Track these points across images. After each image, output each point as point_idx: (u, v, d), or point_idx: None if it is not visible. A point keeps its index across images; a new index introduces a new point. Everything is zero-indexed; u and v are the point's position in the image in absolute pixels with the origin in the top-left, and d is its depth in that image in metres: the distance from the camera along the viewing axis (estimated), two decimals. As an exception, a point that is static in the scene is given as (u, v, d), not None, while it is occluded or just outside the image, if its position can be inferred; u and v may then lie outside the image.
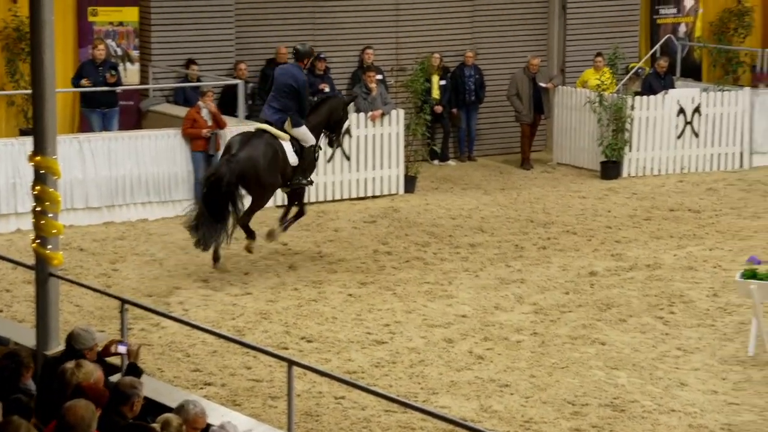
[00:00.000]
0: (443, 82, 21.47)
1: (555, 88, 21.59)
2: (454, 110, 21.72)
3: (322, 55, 20.92)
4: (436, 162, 21.46)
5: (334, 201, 19.01)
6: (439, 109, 21.22)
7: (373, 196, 19.27)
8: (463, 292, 14.89)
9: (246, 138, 15.70)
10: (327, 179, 19.05)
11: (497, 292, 14.88)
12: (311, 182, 16.16)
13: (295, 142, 15.72)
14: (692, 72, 23.34)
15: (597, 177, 20.63)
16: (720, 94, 21.26)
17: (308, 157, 15.82)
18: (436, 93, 21.31)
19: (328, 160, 19.02)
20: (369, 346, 13.15)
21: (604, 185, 20.16)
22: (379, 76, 20.30)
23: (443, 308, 14.34)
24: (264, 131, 15.67)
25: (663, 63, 21.81)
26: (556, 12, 22.73)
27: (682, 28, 23.77)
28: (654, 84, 21.56)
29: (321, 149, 16.40)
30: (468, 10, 22.24)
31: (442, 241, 17.02)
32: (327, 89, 20.66)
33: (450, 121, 21.76)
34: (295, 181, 15.82)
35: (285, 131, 15.67)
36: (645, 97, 21.04)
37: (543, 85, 21.45)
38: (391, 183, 19.56)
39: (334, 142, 16.62)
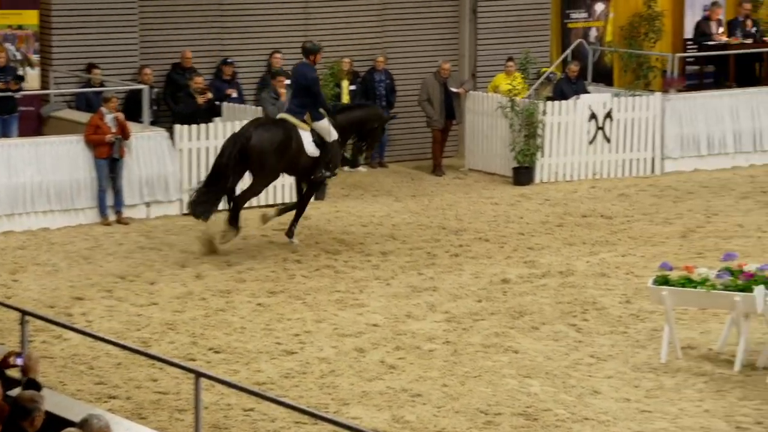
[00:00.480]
0: (353, 87, 21.48)
1: (466, 93, 21.69)
2: (365, 116, 21.70)
3: (229, 60, 20.84)
4: (346, 168, 21.44)
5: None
6: (349, 114, 21.18)
7: (283, 204, 19.20)
8: (374, 301, 14.89)
9: (263, 121, 16.99)
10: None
11: (409, 301, 14.90)
12: (335, 174, 17.21)
13: (315, 134, 16.66)
14: (604, 77, 23.59)
15: (509, 183, 20.75)
16: (631, 99, 21.50)
17: (332, 151, 16.72)
18: (346, 98, 21.30)
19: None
20: (278, 356, 13.10)
21: (516, 191, 20.29)
22: (288, 81, 20.24)
23: (354, 317, 14.33)
24: (284, 120, 16.68)
25: (574, 68, 22.02)
26: (466, 16, 22.84)
27: (593, 33, 24.02)
28: (565, 89, 21.76)
29: (345, 149, 17.51)
30: (378, 15, 22.28)
31: (352, 248, 17.02)
32: (234, 94, 20.59)
33: (360, 127, 21.73)
34: (318, 173, 16.76)
35: (306, 122, 16.66)
36: (557, 102, 21.22)
37: (454, 90, 21.53)
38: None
39: (362, 152, 17.81)
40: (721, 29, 24.35)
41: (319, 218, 18.46)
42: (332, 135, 16.72)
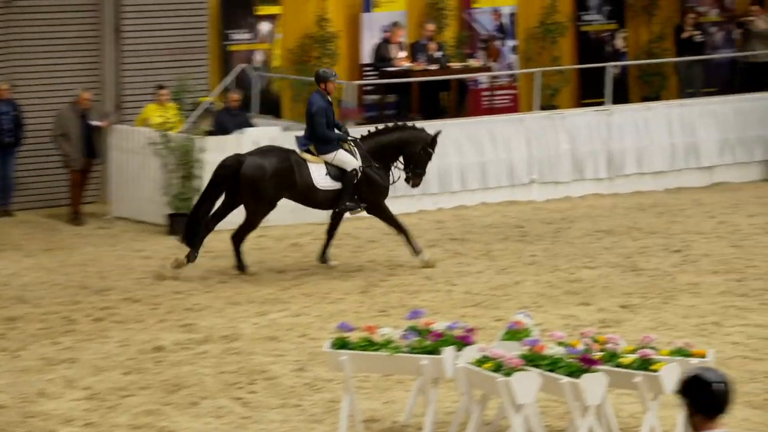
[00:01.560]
0: (-30, 121, 21.06)
1: (110, 127, 21.56)
2: (-13, 154, 21.31)
3: None
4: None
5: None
6: (-33, 153, 20.76)
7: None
8: (-1, 378, 14.54)
9: (266, 148, 18.46)
10: None
11: (42, 376, 14.63)
12: (364, 207, 18.41)
13: (331, 166, 18.03)
14: (272, 107, 23.82)
15: (163, 233, 20.72)
16: (304, 133, 21.74)
17: (354, 181, 18.01)
18: (-38, 134, 20.87)
19: None
20: None
21: (171, 243, 20.20)
22: None
23: (-26, 399, 13.93)
24: (290, 150, 18.19)
25: (235, 96, 22.17)
26: (108, 36, 22.68)
27: (259, 57, 24.22)
28: (226, 121, 21.86)
29: (395, 176, 18.65)
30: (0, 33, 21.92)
31: (-28, 315, 16.61)
32: None
33: (-19, 168, 21.30)
34: (342, 206, 18.15)
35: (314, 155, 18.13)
36: (218, 137, 21.25)
37: (95, 123, 21.43)
38: None
39: (411, 180, 18.83)
40: (403, 53, 24.97)
41: (-70, 279, 17.92)
42: (349, 164, 17.98)
